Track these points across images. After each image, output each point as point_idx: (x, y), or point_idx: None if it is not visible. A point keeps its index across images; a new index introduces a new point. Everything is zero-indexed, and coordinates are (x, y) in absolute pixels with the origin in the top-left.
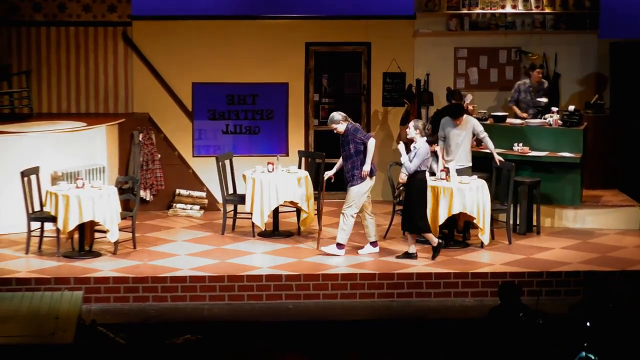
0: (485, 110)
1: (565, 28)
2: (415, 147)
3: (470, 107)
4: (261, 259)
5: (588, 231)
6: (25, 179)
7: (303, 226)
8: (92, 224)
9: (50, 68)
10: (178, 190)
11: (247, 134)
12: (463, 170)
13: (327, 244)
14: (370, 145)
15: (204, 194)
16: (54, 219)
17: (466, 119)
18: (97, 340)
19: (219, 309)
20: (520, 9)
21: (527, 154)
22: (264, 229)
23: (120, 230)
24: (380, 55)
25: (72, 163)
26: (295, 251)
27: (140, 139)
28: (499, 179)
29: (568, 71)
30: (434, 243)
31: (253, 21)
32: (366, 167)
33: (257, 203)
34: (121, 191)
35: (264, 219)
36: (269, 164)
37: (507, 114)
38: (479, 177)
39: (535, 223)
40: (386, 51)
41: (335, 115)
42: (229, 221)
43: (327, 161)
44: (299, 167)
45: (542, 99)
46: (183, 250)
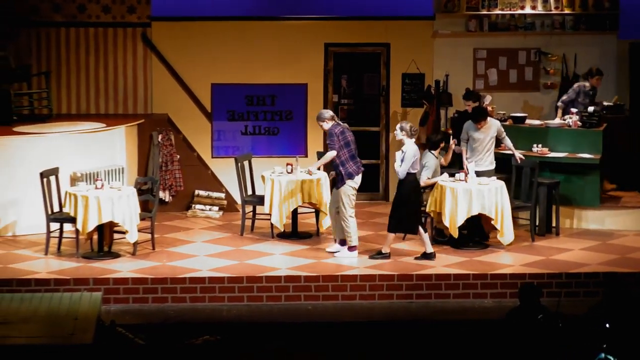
0: (504, 111)
1: (584, 29)
2: (403, 151)
3: (489, 108)
4: (280, 260)
5: (607, 232)
6: (45, 179)
7: (322, 227)
8: (111, 224)
9: (69, 69)
10: (197, 191)
11: (266, 135)
12: (486, 173)
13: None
14: (327, 154)
15: (222, 195)
16: (73, 220)
17: (489, 122)
18: (116, 341)
19: (237, 310)
20: (540, 9)
21: (547, 155)
22: (282, 230)
23: (139, 231)
24: (399, 56)
25: (92, 164)
26: (314, 252)
27: (159, 139)
28: (518, 179)
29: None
30: (427, 249)
31: (272, 22)
32: (312, 168)
33: (276, 204)
34: (140, 192)
35: (283, 220)
36: (288, 164)
37: (527, 114)
38: (498, 178)
39: (554, 224)
40: (405, 52)
41: (323, 112)
42: (248, 222)
43: None
44: (318, 168)
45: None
46: (202, 251)
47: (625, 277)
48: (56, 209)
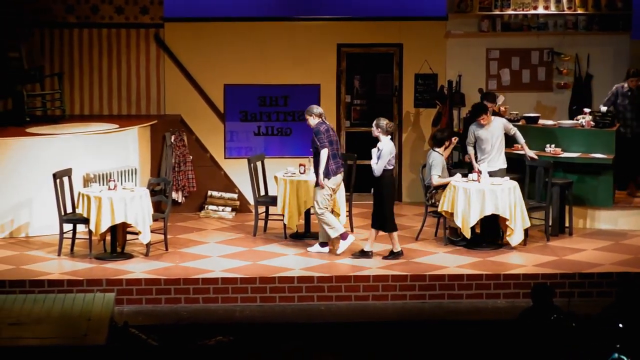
0: (517, 112)
1: (597, 29)
2: (379, 148)
3: (502, 109)
4: (293, 260)
5: (621, 232)
6: (58, 180)
7: None
8: (124, 225)
9: (82, 70)
10: (210, 192)
11: (279, 136)
12: (498, 172)
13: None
14: (322, 155)
15: (235, 196)
16: (86, 221)
17: (493, 120)
18: (130, 341)
19: (250, 311)
20: (553, 10)
21: (560, 155)
22: (295, 231)
23: (152, 232)
24: (412, 57)
25: (104, 165)
26: (327, 253)
27: (172, 140)
28: (532, 179)
29: (600, 72)
30: (395, 248)
31: (285, 23)
32: (319, 178)
33: (289, 205)
34: (153, 193)
35: (296, 221)
36: (300, 165)
37: (539, 115)
38: (511, 178)
39: (567, 224)
40: (418, 52)
41: (314, 108)
42: (261, 223)
43: (359, 162)
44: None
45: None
46: (215, 252)
47: (639, 277)
48: (69, 210)
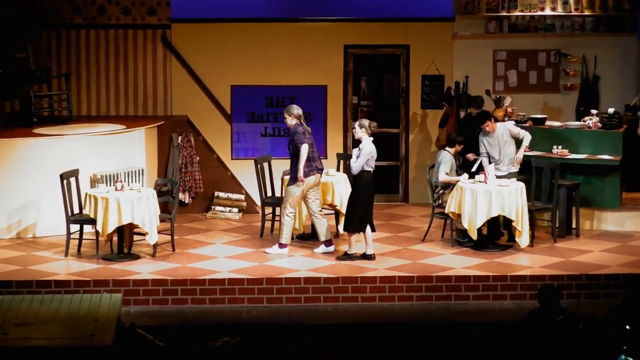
0: (524, 113)
1: (604, 30)
2: (360, 148)
3: (509, 110)
4: (299, 261)
5: (627, 234)
6: (65, 181)
7: (342, 229)
8: (131, 226)
9: (89, 71)
10: (217, 193)
11: (286, 137)
12: (510, 176)
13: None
14: (302, 150)
15: (242, 197)
16: (93, 222)
17: (498, 127)
18: (136, 342)
19: (257, 312)
20: (560, 11)
21: (567, 157)
22: (302, 232)
23: (159, 232)
24: (419, 58)
25: (111, 165)
26: (334, 254)
27: (179, 141)
28: (539, 181)
29: (607, 73)
30: (350, 250)
31: (292, 24)
32: (299, 173)
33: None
34: (160, 194)
35: (303, 222)
36: None
37: (546, 116)
38: (518, 180)
39: (574, 226)
40: (425, 53)
41: (294, 108)
42: (268, 224)
43: None
44: (337, 170)
45: None
46: (222, 253)
47: None
48: (76, 210)
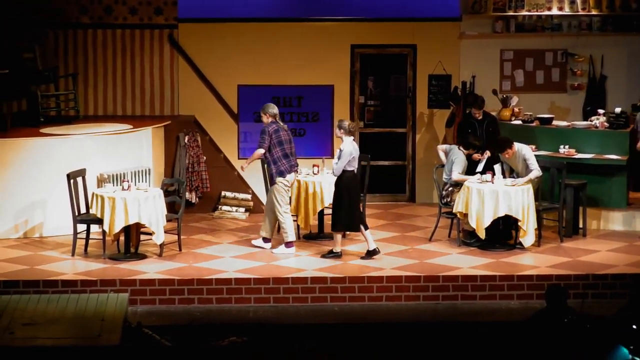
0: (531, 112)
1: (611, 30)
2: (341, 149)
3: (516, 110)
4: (306, 261)
5: (634, 234)
6: (72, 181)
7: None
8: (138, 226)
9: (96, 70)
10: (223, 193)
11: (293, 136)
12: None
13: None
14: (255, 153)
15: (249, 196)
16: (100, 221)
17: (518, 148)
18: (143, 342)
19: (264, 311)
20: (567, 11)
21: (574, 156)
22: (309, 232)
23: (165, 232)
24: (425, 58)
25: (118, 165)
26: (341, 256)
27: (186, 141)
28: (545, 180)
29: (615, 73)
30: (336, 248)
31: (299, 23)
32: (245, 165)
33: (302, 205)
34: (167, 193)
35: (309, 222)
36: (314, 166)
37: (553, 116)
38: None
39: (581, 225)
40: (432, 53)
41: (270, 107)
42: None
43: (372, 163)
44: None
45: None
46: (228, 253)
47: None
48: (83, 210)
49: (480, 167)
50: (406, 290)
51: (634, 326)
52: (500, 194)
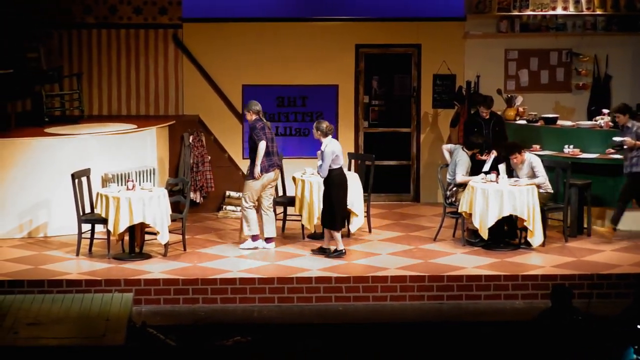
0: (535, 112)
1: (616, 30)
2: (322, 150)
3: (520, 109)
4: (311, 261)
5: (639, 234)
6: (76, 181)
7: (352, 228)
8: (143, 226)
9: (101, 70)
10: (228, 192)
11: (297, 136)
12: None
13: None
14: (260, 146)
15: None
16: (104, 221)
17: (528, 157)
18: (148, 342)
19: (268, 311)
20: (571, 10)
21: (578, 156)
22: (313, 231)
23: (170, 232)
24: (430, 57)
25: (123, 165)
26: (345, 253)
27: (190, 140)
28: (550, 180)
29: (619, 73)
30: (339, 246)
31: (303, 23)
32: (256, 170)
33: (307, 205)
34: (171, 193)
35: (314, 221)
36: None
37: (558, 115)
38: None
39: (586, 225)
40: (436, 53)
41: (254, 104)
42: (279, 223)
43: (377, 163)
44: (349, 169)
45: None
46: (233, 252)
47: None
48: (87, 210)
49: (486, 167)
50: (411, 290)
51: (639, 326)
52: (504, 193)
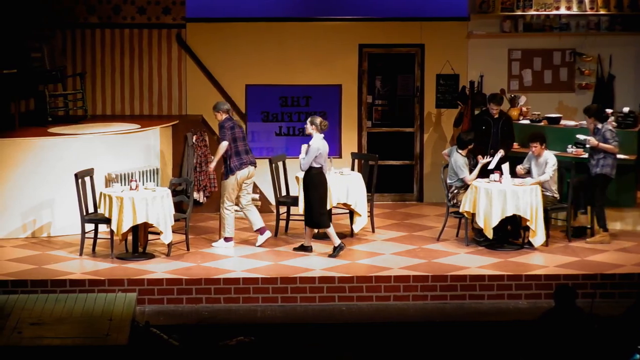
0: (539, 112)
1: (620, 29)
2: (310, 144)
3: (524, 109)
4: (314, 261)
5: None
6: (80, 180)
7: (356, 228)
8: (146, 225)
9: (104, 70)
10: None
11: (300, 136)
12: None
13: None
14: (220, 146)
15: (257, 196)
16: (107, 221)
17: (546, 154)
18: (151, 341)
19: (271, 311)
20: (575, 10)
21: (582, 156)
22: (317, 231)
23: (173, 232)
24: (433, 57)
25: (126, 165)
26: (348, 253)
27: (193, 140)
28: (554, 180)
29: (623, 73)
30: (335, 242)
31: (306, 23)
32: (211, 165)
33: None
34: (175, 193)
35: None
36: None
37: (561, 115)
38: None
39: (589, 225)
40: (440, 53)
41: (221, 104)
42: (282, 223)
43: (380, 163)
44: (352, 169)
45: None
46: (236, 252)
47: None
48: (91, 210)
49: (493, 164)
50: (414, 290)
51: None
52: (508, 193)
